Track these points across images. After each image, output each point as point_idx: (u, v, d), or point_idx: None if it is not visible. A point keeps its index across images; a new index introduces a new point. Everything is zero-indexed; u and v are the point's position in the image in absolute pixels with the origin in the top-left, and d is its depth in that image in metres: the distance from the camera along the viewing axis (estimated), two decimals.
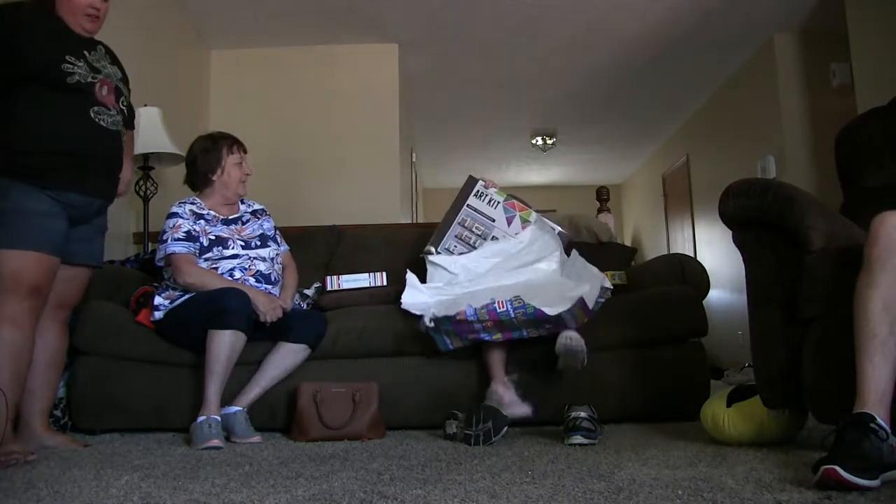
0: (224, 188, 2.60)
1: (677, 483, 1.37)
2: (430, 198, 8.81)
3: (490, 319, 2.17)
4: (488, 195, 2.70)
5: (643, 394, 2.44)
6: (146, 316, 2.49)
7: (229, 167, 2.59)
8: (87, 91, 2.01)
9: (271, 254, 2.60)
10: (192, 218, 2.52)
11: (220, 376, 2.20)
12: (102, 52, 2.16)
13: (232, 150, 2.61)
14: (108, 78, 2.11)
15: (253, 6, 4.31)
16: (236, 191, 2.61)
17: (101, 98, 2.04)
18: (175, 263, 2.41)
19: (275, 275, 2.57)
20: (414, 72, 5.28)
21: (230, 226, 2.58)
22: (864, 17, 3.85)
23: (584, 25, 4.62)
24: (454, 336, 2.27)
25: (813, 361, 1.68)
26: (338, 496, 1.32)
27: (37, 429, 2.08)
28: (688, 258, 2.90)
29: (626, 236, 9.02)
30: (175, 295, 2.45)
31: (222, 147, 2.60)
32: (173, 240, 2.44)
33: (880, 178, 2.09)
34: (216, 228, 2.53)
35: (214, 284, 2.36)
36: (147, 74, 3.80)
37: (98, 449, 2.07)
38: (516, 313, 2.16)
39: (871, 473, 1.24)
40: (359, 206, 4.55)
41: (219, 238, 2.51)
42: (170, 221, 2.50)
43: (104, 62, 2.13)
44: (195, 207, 2.56)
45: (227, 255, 2.49)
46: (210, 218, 2.56)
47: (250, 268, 2.50)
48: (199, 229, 2.50)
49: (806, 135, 4.73)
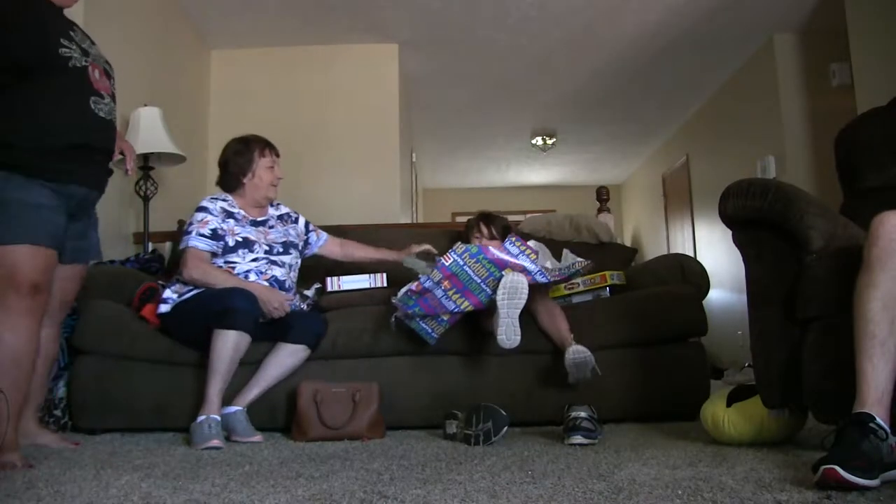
0: (254, 191, 2.60)
1: (677, 483, 1.37)
2: (430, 198, 8.81)
3: (443, 276, 2.21)
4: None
5: (643, 394, 2.45)
6: (151, 311, 2.49)
7: (260, 170, 2.60)
8: (83, 76, 1.95)
9: (291, 261, 2.61)
10: (221, 215, 2.52)
11: (222, 376, 2.21)
12: (82, 33, 2.07)
13: (264, 153, 2.62)
14: (97, 60, 2.04)
15: (253, 6, 4.31)
16: (266, 194, 2.62)
17: (95, 83, 1.98)
18: (186, 256, 2.42)
19: (289, 282, 2.59)
20: (414, 72, 5.28)
21: (258, 227, 2.59)
22: (864, 17, 3.85)
23: (584, 25, 4.63)
24: (430, 320, 2.28)
25: (813, 361, 1.68)
26: (338, 496, 1.32)
27: (28, 427, 2.08)
28: (688, 258, 2.90)
29: (626, 236, 9.02)
30: (184, 289, 2.45)
31: (254, 150, 2.61)
32: (198, 234, 2.45)
33: (880, 179, 2.09)
34: (245, 229, 2.54)
35: (219, 283, 2.36)
36: (147, 74, 3.80)
37: (98, 449, 2.07)
38: (463, 257, 2.21)
39: (871, 473, 1.24)
40: (359, 206, 4.55)
41: (246, 240, 2.51)
42: (198, 215, 2.50)
43: (87, 42, 2.06)
44: (227, 205, 2.56)
45: (250, 259, 2.49)
46: (240, 218, 2.56)
47: (266, 272, 2.50)
48: (226, 228, 2.50)
49: (806, 135, 4.73)
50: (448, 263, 2.22)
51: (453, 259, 2.23)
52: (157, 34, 3.99)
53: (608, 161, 8.26)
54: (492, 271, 2.23)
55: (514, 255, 2.28)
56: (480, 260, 2.22)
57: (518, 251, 2.28)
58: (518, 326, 2.17)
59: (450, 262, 2.22)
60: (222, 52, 4.89)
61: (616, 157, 8.12)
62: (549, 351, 2.43)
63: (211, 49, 4.87)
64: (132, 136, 3.36)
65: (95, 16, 3.07)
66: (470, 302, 2.25)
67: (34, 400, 2.12)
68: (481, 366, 2.48)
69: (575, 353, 2.24)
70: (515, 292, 2.16)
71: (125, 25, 3.57)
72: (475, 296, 2.25)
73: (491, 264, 2.23)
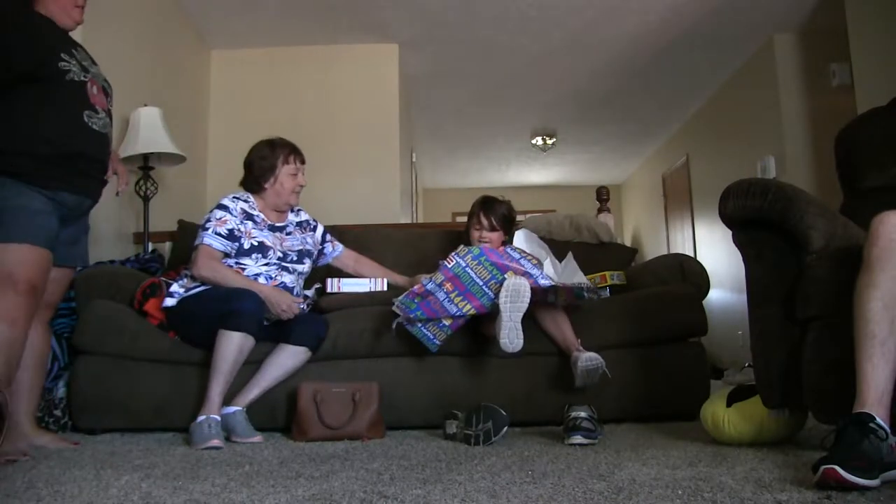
0: (276, 197, 2.58)
1: (677, 483, 1.37)
2: (430, 198, 8.82)
3: (445, 279, 2.21)
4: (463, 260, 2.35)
5: (643, 394, 2.45)
6: (155, 305, 2.49)
7: (283, 177, 2.57)
8: (81, 90, 2.02)
9: (303, 269, 2.61)
10: (241, 216, 2.51)
11: (225, 377, 2.21)
12: (84, 52, 2.15)
13: (288, 160, 2.59)
14: (96, 78, 2.12)
15: (253, 6, 4.31)
16: (287, 201, 2.60)
17: (92, 98, 2.05)
18: (198, 253, 2.41)
19: (297, 288, 2.59)
20: (414, 72, 5.28)
21: (276, 233, 2.58)
22: (864, 17, 3.85)
23: (584, 25, 4.63)
24: (431, 325, 2.26)
25: (813, 361, 1.68)
26: (338, 496, 1.32)
27: (26, 429, 2.08)
28: (688, 258, 2.90)
29: (626, 236, 9.02)
30: (192, 284, 2.45)
31: (279, 155, 2.58)
32: (214, 232, 2.43)
33: (880, 179, 2.09)
34: (262, 233, 2.52)
35: (228, 283, 2.36)
36: (147, 74, 3.81)
37: (98, 449, 2.07)
38: (465, 259, 2.22)
39: (871, 473, 1.24)
40: (359, 206, 4.55)
41: (262, 245, 2.50)
42: (217, 213, 2.48)
43: (88, 61, 2.13)
44: (247, 206, 2.55)
45: (260, 263, 2.49)
46: (259, 221, 2.55)
47: (276, 277, 2.50)
48: (244, 230, 2.49)
49: (806, 135, 4.73)
50: (451, 266, 2.22)
51: (455, 261, 2.23)
52: (157, 34, 3.99)
53: (608, 161, 8.26)
54: (494, 274, 2.24)
55: (515, 258, 2.28)
56: (483, 262, 2.23)
57: (519, 255, 2.28)
58: (521, 330, 2.16)
59: (452, 263, 2.23)
60: (222, 52, 4.89)
61: (616, 157, 8.13)
62: (550, 352, 2.42)
63: (211, 49, 4.87)
64: (132, 136, 3.36)
65: (96, 16, 3.06)
66: (472, 305, 2.25)
67: (30, 403, 2.12)
68: (481, 366, 2.48)
69: (588, 360, 2.21)
70: (518, 295, 2.16)
71: (125, 25, 3.57)
72: (477, 299, 2.24)
73: (493, 267, 2.24)
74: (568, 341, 2.35)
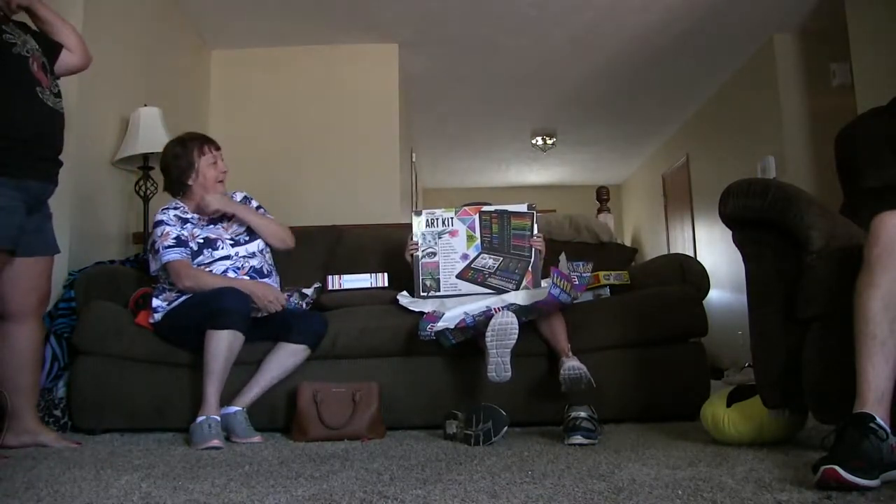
0: (203, 191, 2.53)
1: (677, 483, 1.37)
2: (430, 198, 8.81)
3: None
4: (436, 216, 2.70)
5: (643, 394, 2.44)
6: (145, 317, 2.49)
7: (203, 169, 2.53)
8: (27, 66, 1.91)
9: (260, 245, 2.58)
10: (178, 224, 2.48)
11: (218, 376, 2.20)
12: (13, 26, 2.01)
13: (203, 151, 2.54)
14: (35, 52, 1.99)
15: (253, 6, 4.31)
16: (215, 191, 2.55)
17: (36, 74, 1.94)
18: (173, 271, 2.40)
19: (267, 266, 2.57)
20: (414, 72, 5.28)
21: (216, 225, 2.56)
22: (864, 17, 3.85)
23: (584, 25, 4.62)
24: (456, 331, 2.30)
25: (813, 361, 1.68)
26: (338, 496, 1.32)
27: (31, 425, 2.08)
28: (688, 258, 2.90)
29: (626, 236, 9.02)
30: (172, 296, 2.44)
31: (193, 150, 2.53)
32: (165, 248, 2.41)
33: (880, 178, 2.09)
34: (203, 231, 2.51)
35: (215, 285, 2.36)
36: (147, 74, 3.80)
37: (98, 449, 2.07)
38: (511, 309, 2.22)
39: (871, 473, 1.24)
40: (359, 206, 4.55)
41: (207, 240, 2.49)
42: (157, 230, 2.46)
43: (24, 35, 2.00)
44: (179, 212, 2.52)
45: (218, 257, 2.48)
46: (195, 221, 2.53)
47: (243, 266, 2.49)
48: (186, 234, 2.47)
49: (806, 135, 4.73)
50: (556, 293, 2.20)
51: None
52: (157, 34, 3.98)
53: (608, 161, 8.25)
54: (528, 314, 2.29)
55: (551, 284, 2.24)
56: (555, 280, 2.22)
57: (559, 290, 2.21)
58: (508, 364, 2.17)
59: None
60: (222, 52, 4.88)
61: (616, 157, 8.12)
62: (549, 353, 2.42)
63: (211, 49, 4.87)
64: (132, 136, 3.36)
65: (95, 16, 3.07)
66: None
67: (32, 398, 2.12)
68: (482, 366, 2.48)
69: (570, 368, 2.22)
70: (505, 334, 2.16)
71: (125, 25, 3.56)
72: None
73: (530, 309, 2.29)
74: (559, 346, 2.34)
